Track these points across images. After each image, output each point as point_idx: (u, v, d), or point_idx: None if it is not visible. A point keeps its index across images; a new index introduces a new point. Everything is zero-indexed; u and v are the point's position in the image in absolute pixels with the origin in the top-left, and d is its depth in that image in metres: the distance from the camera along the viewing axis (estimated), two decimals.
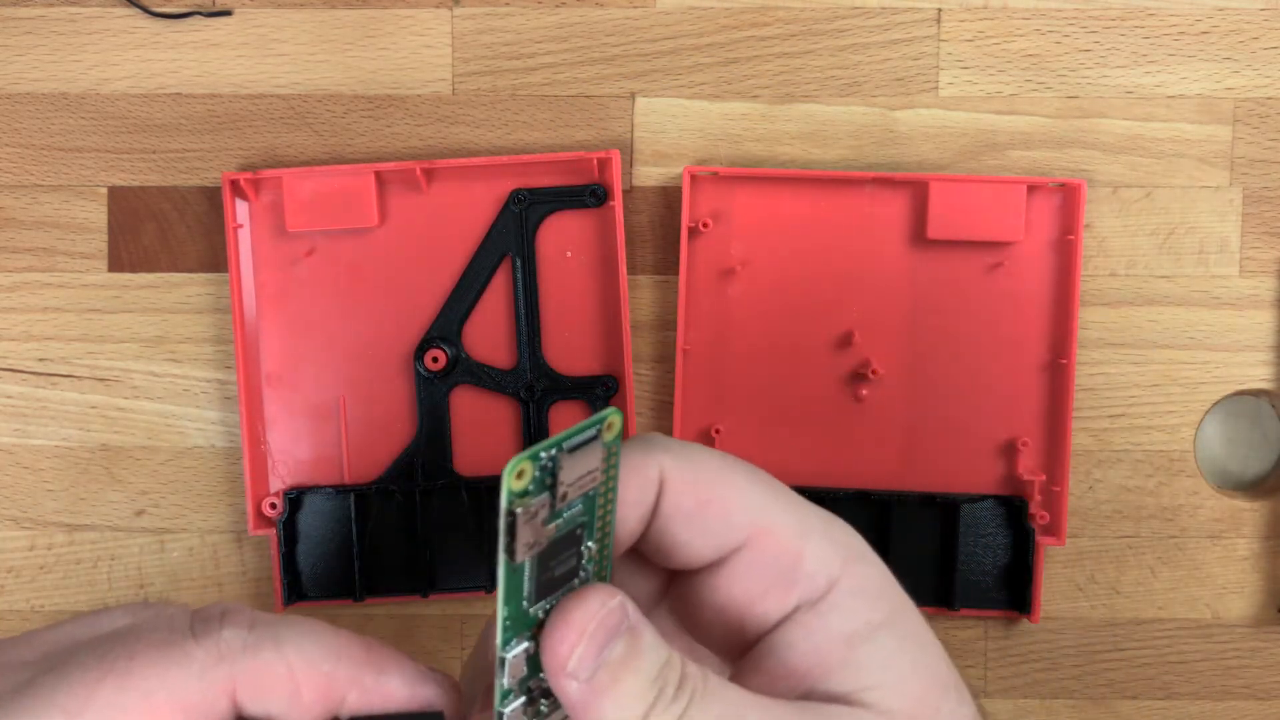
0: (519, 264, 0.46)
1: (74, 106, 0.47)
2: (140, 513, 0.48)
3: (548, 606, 0.24)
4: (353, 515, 0.46)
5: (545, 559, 0.23)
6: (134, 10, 0.47)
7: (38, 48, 0.47)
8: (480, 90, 0.47)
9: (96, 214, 0.47)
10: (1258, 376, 0.47)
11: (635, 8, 0.47)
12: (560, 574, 0.24)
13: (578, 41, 0.47)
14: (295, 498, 0.47)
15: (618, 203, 0.45)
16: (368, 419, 0.47)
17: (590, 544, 0.24)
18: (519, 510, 0.22)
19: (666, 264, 0.47)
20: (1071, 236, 0.45)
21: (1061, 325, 0.46)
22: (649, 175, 0.47)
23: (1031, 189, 0.46)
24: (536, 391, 0.46)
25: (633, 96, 0.47)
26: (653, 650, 0.24)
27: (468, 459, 0.47)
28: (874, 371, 0.46)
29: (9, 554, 0.48)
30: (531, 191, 0.46)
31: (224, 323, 0.47)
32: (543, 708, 0.25)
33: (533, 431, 0.46)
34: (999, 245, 0.46)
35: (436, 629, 0.48)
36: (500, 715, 0.24)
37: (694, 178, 0.46)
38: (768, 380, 0.47)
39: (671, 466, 0.25)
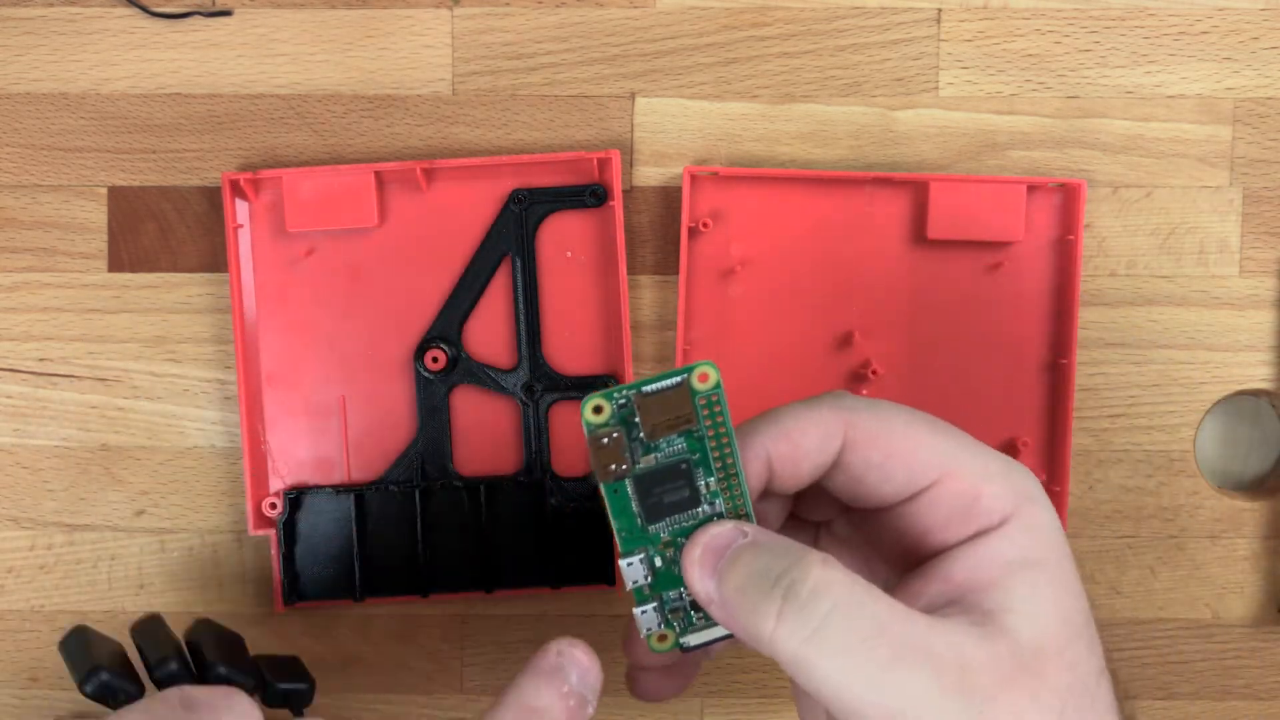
0: (519, 264, 0.46)
1: (74, 106, 0.47)
2: (140, 513, 0.48)
3: (670, 529, 0.29)
4: (353, 515, 0.46)
5: (647, 485, 0.28)
6: (134, 10, 0.47)
7: (38, 48, 0.47)
8: (480, 90, 0.47)
9: (96, 214, 0.47)
10: (1258, 376, 0.47)
11: (635, 8, 0.47)
12: (671, 501, 0.28)
13: (578, 41, 0.47)
14: (295, 498, 0.47)
15: (618, 203, 0.45)
16: (368, 419, 0.47)
17: (709, 480, 0.28)
18: (592, 438, 0.27)
19: (666, 264, 0.47)
20: (1071, 236, 0.45)
21: (1061, 325, 0.46)
22: (649, 175, 0.47)
23: (1031, 189, 0.46)
24: (536, 391, 0.46)
25: (633, 96, 0.47)
26: (767, 556, 0.27)
27: (468, 459, 0.47)
28: (874, 371, 0.46)
29: (9, 554, 0.48)
30: (531, 191, 0.46)
31: (224, 323, 0.47)
32: (693, 619, 0.30)
33: (533, 432, 0.46)
34: (999, 245, 0.46)
35: (436, 629, 0.48)
36: (635, 616, 0.29)
37: (694, 178, 0.46)
38: (768, 380, 0.47)
39: (859, 423, 0.29)
